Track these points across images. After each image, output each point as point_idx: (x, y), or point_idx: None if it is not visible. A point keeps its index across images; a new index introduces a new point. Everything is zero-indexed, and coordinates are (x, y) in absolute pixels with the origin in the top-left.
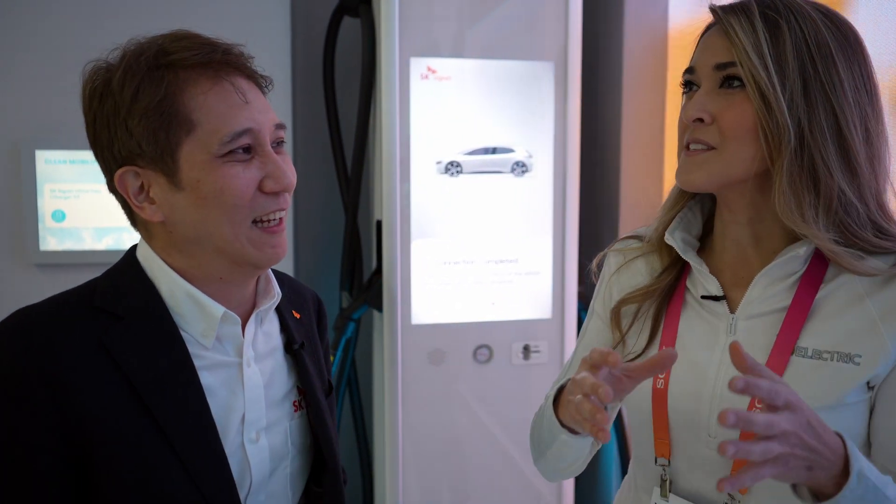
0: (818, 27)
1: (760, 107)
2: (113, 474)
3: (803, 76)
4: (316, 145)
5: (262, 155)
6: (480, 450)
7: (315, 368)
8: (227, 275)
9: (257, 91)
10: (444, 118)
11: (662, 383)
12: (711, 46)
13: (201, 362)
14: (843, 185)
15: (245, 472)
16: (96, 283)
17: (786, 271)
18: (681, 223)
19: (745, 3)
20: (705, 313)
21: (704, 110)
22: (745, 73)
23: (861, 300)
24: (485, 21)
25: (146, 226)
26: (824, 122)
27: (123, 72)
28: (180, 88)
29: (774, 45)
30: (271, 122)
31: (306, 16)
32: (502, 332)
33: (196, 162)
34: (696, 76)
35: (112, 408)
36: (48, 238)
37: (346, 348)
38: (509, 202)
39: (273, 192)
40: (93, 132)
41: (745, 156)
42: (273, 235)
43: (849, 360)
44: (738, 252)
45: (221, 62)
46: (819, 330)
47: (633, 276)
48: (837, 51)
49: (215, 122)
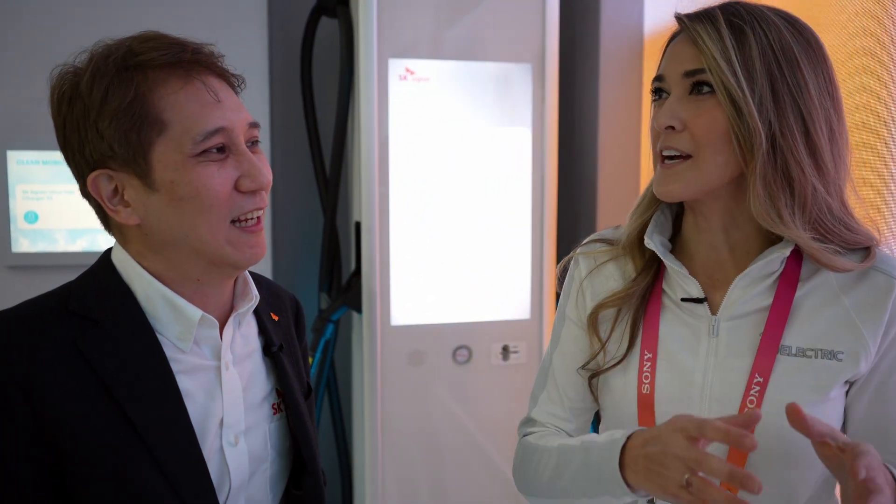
0: (782, 32)
1: (731, 112)
2: (90, 480)
3: (771, 79)
4: (294, 146)
5: (236, 154)
6: (460, 450)
7: (294, 371)
8: (205, 276)
9: (229, 90)
10: (423, 119)
11: (648, 388)
12: (679, 54)
13: (179, 366)
14: (815, 184)
15: (224, 476)
16: (71, 287)
17: (765, 272)
18: (656, 226)
19: (710, 10)
20: (685, 316)
21: (676, 117)
22: (715, 79)
23: (837, 298)
24: (463, 23)
25: (121, 229)
26: (793, 123)
27: (92, 74)
28: (150, 88)
29: (741, 50)
30: (244, 121)
31: (283, 16)
32: (481, 333)
33: (169, 162)
34: (666, 84)
35: (89, 413)
36: (20, 240)
37: (325, 350)
38: (487, 204)
39: (250, 191)
40: (63, 136)
41: (720, 162)
42: (252, 235)
43: (832, 356)
44: (711, 255)
45: (191, 61)
46: (801, 328)
47: (606, 280)
48: (801, 54)
49: (187, 121)
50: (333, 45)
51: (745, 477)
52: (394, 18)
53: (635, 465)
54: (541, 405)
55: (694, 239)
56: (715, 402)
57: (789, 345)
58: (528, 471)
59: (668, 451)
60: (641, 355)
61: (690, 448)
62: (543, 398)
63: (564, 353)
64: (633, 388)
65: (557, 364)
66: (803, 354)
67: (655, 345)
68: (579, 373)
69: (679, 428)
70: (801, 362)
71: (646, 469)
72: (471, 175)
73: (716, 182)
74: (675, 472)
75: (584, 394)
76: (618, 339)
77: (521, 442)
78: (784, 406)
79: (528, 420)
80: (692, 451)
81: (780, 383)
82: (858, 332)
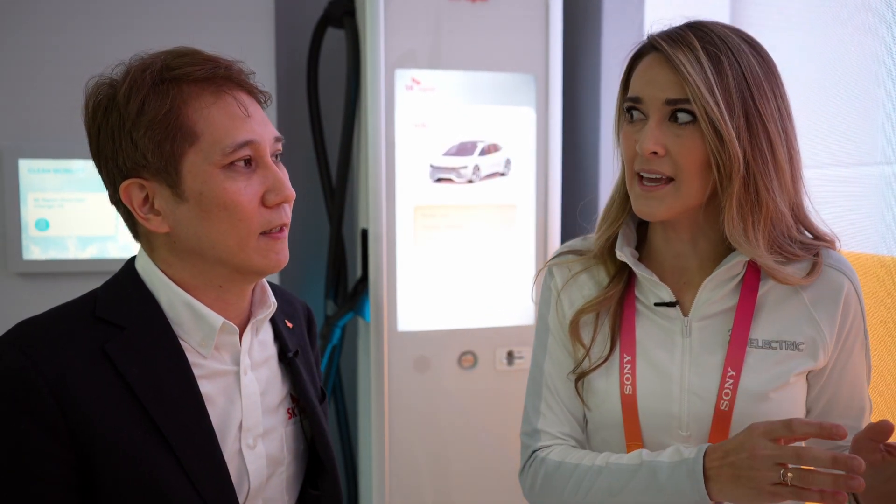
0: (750, 59)
1: (714, 140)
2: (116, 480)
3: (745, 108)
4: (300, 155)
5: (262, 167)
6: (465, 455)
7: (308, 376)
8: (227, 283)
9: (257, 105)
10: (429, 128)
11: (630, 389)
12: (659, 80)
13: (200, 371)
14: (779, 204)
15: (243, 478)
16: (97, 294)
17: (729, 275)
18: (624, 238)
19: (686, 36)
20: (659, 319)
21: (659, 144)
22: (699, 110)
23: (796, 293)
24: (468, 33)
25: (148, 237)
26: (764, 148)
27: (129, 86)
28: (184, 101)
29: (721, 80)
30: (271, 135)
31: (290, 26)
32: (486, 339)
33: (198, 173)
34: (644, 106)
35: (115, 416)
36: (32, 247)
37: (331, 355)
38: (492, 211)
39: (275, 205)
40: (96, 145)
41: (699, 185)
42: (277, 241)
43: (794, 347)
44: (679, 261)
45: (224, 77)
46: (765, 323)
47: (581, 289)
48: (765, 81)
49: (218, 133)
50: (340, 55)
51: (849, 460)
52: (400, 29)
53: (719, 477)
54: (546, 417)
55: (662, 248)
56: (694, 396)
57: (756, 338)
58: (558, 490)
59: (756, 454)
60: (621, 358)
61: (780, 447)
62: (545, 409)
63: (556, 362)
64: (615, 389)
65: (552, 373)
66: (769, 346)
67: (633, 348)
68: (569, 377)
69: (762, 432)
70: (768, 353)
71: (733, 477)
72: (475, 183)
73: (694, 203)
74: (768, 472)
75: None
76: (600, 343)
77: (536, 458)
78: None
79: (534, 432)
80: (785, 448)
81: (750, 374)
82: (816, 325)
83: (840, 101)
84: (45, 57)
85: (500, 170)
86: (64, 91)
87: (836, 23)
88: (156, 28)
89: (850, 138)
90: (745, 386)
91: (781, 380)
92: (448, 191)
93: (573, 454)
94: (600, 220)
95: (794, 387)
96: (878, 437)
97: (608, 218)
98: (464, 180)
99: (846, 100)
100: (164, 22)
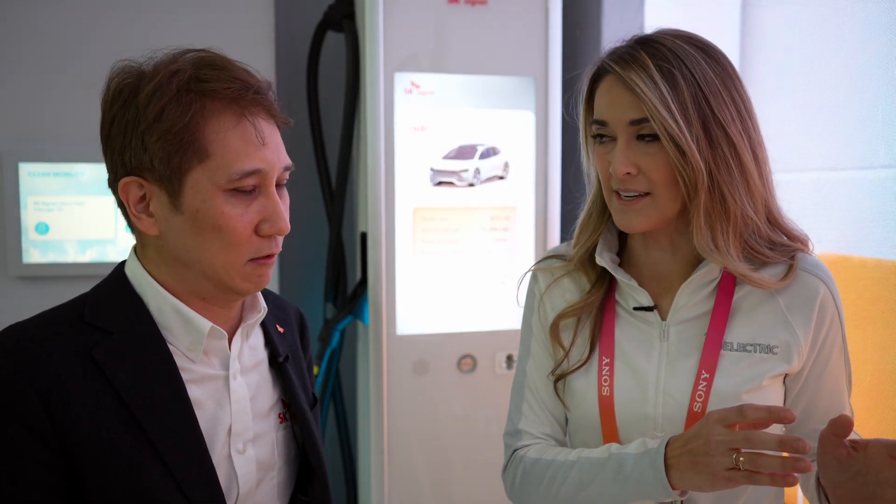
0: (704, 68)
1: (676, 156)
2: (104, 485)
3: (702, 118)
4: (300, 158)
5: (264, 196)
6: (465, 459)
7: (299, 381)
8: (210, 297)
9: (274, 130)
10: (428, 132)
11: (608, 391)
12: (619, 102)
13: (189, 375)
14: (747, 208)
15: (232, 483)
16: (85, 298)
17: (706, 280)
18: (605, 244)
19: (637, 56)
20: (638, 322)
21: (631, 164)
22: (658, 127)
23: (772, 297)
24: (468, 37)
25: (139, 235)
26: (728, 155)
27: (154, 88)
28: (204, 118)
29: (676, 95)
30: (282, 163)
31: (290, 30)
32: (486, 342)
33: (200, 189)
34: (610, 129)
35: (103, 420)
36: (31, 250)
37: (330, 359)
38: (491, 215)
39: (268, 235)
40: (107, 132)
41: (673, 198)
42: (263, 267)
43: (768, 350)
44: (658, 267)
45: (251, 101)
46: (741, 327)
47: (563, 293)
48: (721, 87)
49: (229, 157)
50: (340, 58)
51: (794, 441)
52: (399, 32)
53: (679, 465)
54: (527, 417)
55: (642, 254)
56: (669, 398)
57: (731, 341)
58: (535, 485)
59: (711, 440)
60: (600, 361)
61: (732, 432)
62: (526, 409)
63: (538, 365)
64: (594, 391)
65: (534, 375)
66: (743, 349)
67: (612, 350)
68: (549, 378)
69: (717, 419)
70: (742, 356)
71: (691, 464)
72: (475, 187)
73: (670, 213)
74: (723, 457)
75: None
76: (580, 346)
77: (515, 457)
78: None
79: (515, 432)
80: (736, 434)
81: (724, 376)
82: (791, 329)
83: (841, 104)
84: (46, 60)
85: (500, 173)
86: (65, 95)
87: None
88: (157, 32)
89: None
90: (717, 388)
91: (754, 382)
92: (447, 194)
93: (549, 451)
94: (578, 232)
95: (767, 390)
96: (839, 431)
97: (587, 229)
98: (465, 184)
99: (847, 102)
100: (165, 26)
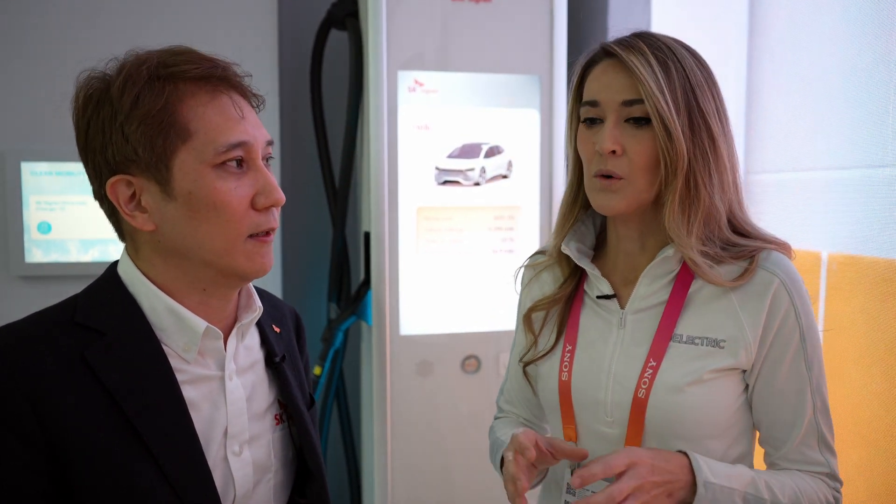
0: (692, 65)
1: (664, 138)
2: (97, 490)
3: (688, 108)
4: (303, 157)
5: (253, 170)
6: (468, 460)
7: (296, 381)
8: (211, 286)
9: (251, 108)
10: (432, 130)
11: (567, 375)
12: (614, 83)
13: (183, 376)
14: (715, 202)
15: (229, 485)
16: (77, 299)
17: (664, 270)
18: (575, 235)
19: (636, 43)
20: (600, 310)
21: (618, 143)
22: (652, 109)
23: (726, 293)
24: (471, 35)
25: (133, 235)
26: (707, 147)
27: (124, 79)
28: (179, 99)
29: (668, 81)
30: (263, 138)
31: (293, 28)
32: (490, 343)
33: (189, 171)
34: (601, 110)
35: (95, 424)
36: (34, 250)
37: (334, 359)
38: (496, 215)
39: (264, 208)
40: (85, 138)
41: (650, 181)
42: (263, 245)
43: (715, 344)
44: (628, 259)
45: (220, 78)
46: (692, 319)
47: (542, 287)
48: (704, 83)
49: (212, 132)
50: (343, 57)
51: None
52: (403, 30)
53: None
54: (506, 395)
55: (614, 245)
56: (618, 385)
57: (681, 333)
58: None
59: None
60: (564, 348)
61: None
62: (507, 389)
63: (518, 352)
64: (555, 375)
65: (513, 361)
66: (692, 342)
67: (575, 338)
68: (520, 364)
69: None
70: (690, 349)
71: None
72: (479, 186)
73: (644, 198)
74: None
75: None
76: (546, 335)
77: (492, 425)
78: (670, 386)
79: (497, 407)
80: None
81: (669, 367)
82: (740, 324)
83: (851, 102)
84: (48, 60)
85: (503, 172)
86: (66, 94)
87: (849, 20)
88: (159, 30)
89: (861, 140)
90: (662, 377)
91: (695, 375)
92: (451, 193)
93: (503, 428)
94: (556, 226)
95: (711, 384)
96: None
97: (560, 219)
98: (471, 183)
99: (857, 100)
100: (167, 24)
